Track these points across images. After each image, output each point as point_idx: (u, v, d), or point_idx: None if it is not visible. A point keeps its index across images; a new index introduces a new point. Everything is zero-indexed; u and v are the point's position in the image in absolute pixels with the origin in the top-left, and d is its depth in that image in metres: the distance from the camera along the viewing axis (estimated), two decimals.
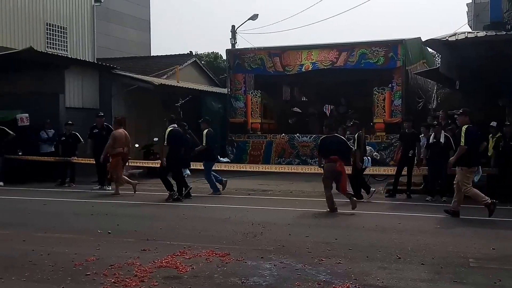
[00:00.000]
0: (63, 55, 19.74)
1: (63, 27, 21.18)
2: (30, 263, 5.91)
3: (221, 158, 12.43)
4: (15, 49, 16.25)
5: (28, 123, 14.32)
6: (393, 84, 16.88)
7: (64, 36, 21.21)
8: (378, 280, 5.28)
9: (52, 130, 14.54)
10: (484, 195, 8.88)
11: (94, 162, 13.20)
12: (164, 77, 20.54)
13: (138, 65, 22.61)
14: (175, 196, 11.01)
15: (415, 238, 7.31)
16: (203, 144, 12.12)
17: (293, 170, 14.36)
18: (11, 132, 13.85)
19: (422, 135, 11.85)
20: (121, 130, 12.27)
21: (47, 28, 20.44)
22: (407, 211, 9.55)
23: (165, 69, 21.55)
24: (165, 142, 11.10)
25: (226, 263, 5.89)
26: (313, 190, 11.67)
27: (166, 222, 8.64)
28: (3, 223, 8.44)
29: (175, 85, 18.40)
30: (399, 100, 16.72)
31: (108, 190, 12.83)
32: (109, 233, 7.68)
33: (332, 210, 9.57)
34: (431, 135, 11.32)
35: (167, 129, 11.27)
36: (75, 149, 14.11)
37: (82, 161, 14.07)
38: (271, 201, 11.25)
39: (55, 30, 20.83)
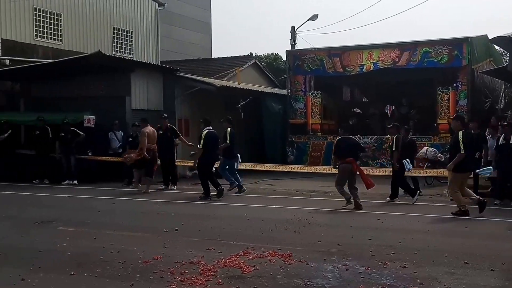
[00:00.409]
0: (129, 58, 20.45)
1: (129, 31, 21.97)
2: (101, 260, 6.13)
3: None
4: (85, 53, 16.98)
5: (93, 125, 14.85)
6: (458, 84, 16.36)
7: (129, 39, 22.01)
8: (445, 285, 5.16)
9: (120, 131, 15.06)
10: (464, 201, 9.32)
11: (160, 162, 13.62)
12: (225, 78, 20.84)
13: (200, 67, 23.06)
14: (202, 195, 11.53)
15: (483, 243, 7.08)
16: (227, 142, 12.35)
17: None
18: (82, 133, 14.49)
19: (489, 136, 11.41)
20: (150, 128, 12.93)
21: (113, 32, 21.28)
22: (474, 215, 9.24)
23: (226, 70, 21.86)
24: (201, 145, 11.51)
25: (289, 264, 5.91)
26: (376, 193, 11.50)
27: (228, 222, 8.76)
28: (76, 221, 8.85)
29: (236, 86, 18.62)
30: (464, 100, 16.19)
31: (173, 190, 13.21)
32: (176, 230, 7.91)
33: (348, 201, 10.22)
34: (500, 136, 10.89)
35: (202, 131, 11.65)
36: None
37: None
38: (332, 202, 11.17)
39: (121, 34, 21.65)
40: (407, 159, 11.03)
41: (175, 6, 28.61)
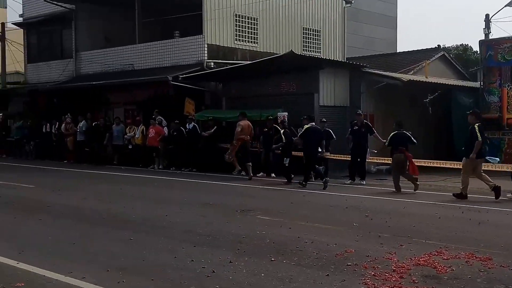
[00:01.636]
0: (317, 56, 21.10)
1: (317, 30, 22.62)
2: (297, 249, 6.50)
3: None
4: (278, 54, 17.90)
5: (286, 121, 15.66)
6: None
7: (317, 38, 22.66)
8: None
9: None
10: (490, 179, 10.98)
11: (350, 158, 13.95)
12: (411, 73, 20.26)
13: (384, 62, 22.75)
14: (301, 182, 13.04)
15: None
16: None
17: None
18: (281, 130, 15.24)
19: None
20: (246, 121, 14.77)
21: (303, 32, 22.14)
22: None
23: (412, 64, 21.23)
24: (299, 136, 13.48)
25: (489, 268, 5.68)
26: None
27: (418, 219, 8.61)
28: (271, 211, 9.44)
29: (424, 80, 18.00)
30: None
31: (362, 184, 13.42)
32: (367, 219, 8.11)
33: (398, 190, 12.11)
34: None
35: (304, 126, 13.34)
36: (328, 144, 14.95)
37: (335, 157, 14.89)
38: None
39: (310, 33, 22.39)
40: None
41: (361, 2, 28.44)
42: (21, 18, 26.62)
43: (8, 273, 5.60)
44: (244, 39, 20.06)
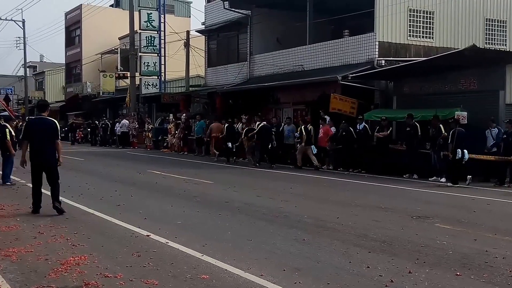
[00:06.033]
0: (503, 49, 19.26)
1: (503, 21, 20.69)
2: (486, 264, 5.98)
3: None
4: (456, 49, 16.69)
5: (465, 121, 14.47)
6: None
7: (503, 30, 20.70)
8: None
9: (495, 128, 14.21)
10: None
11: None
12: None
13: None
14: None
15: None
16: None
17: None
18: (444, 132, 14.22)
19: None
20: (216, 123, 21.48)
21: (486, 23, 20.38)
22: None
23: None
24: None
25: None
26: None
27: None
28: (452, 219, 8.79)
29: None
30: None
31: None
32: None
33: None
34: None
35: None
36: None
37: None
38: None
39: (494, 24, 20.54)
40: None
41: None
42: (203, 26, 28.62)
43: (194, 264, 5.93)
44: (418, 34, 19.00)
